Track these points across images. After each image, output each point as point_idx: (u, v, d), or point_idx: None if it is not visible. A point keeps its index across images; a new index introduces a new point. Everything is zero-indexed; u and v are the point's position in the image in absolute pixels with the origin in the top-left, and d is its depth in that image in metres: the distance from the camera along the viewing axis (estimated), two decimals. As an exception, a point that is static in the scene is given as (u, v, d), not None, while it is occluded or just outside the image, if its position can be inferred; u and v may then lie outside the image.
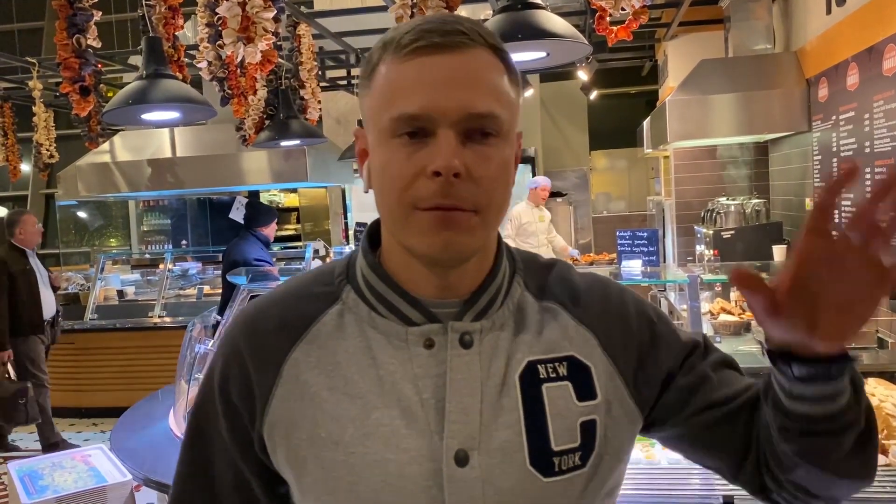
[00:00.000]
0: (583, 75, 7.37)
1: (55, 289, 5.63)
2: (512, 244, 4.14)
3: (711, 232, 5.03)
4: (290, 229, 10.15)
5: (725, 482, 1.98)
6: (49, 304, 5.44)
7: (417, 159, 0.77)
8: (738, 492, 1.93)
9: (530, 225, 6.74)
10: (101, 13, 3.45)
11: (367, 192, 0.86)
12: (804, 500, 0.86)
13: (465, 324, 0.83)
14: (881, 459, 2.09)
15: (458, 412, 0.80)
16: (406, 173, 0.77)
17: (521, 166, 6.54)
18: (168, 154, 6.51)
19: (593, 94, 8.50)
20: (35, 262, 5.38)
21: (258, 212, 5.65)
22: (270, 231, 5.58)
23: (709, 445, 0.91)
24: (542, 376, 0.84)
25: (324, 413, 0.82)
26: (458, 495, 0.78)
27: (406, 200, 0.78)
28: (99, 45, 3.33)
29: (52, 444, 5.27)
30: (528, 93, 7.88)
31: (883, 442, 2.17)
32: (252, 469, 0.87)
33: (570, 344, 0.87)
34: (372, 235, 0.90)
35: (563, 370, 0.85)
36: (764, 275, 3.59)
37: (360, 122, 0.94)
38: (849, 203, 3.95)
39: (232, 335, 0.89)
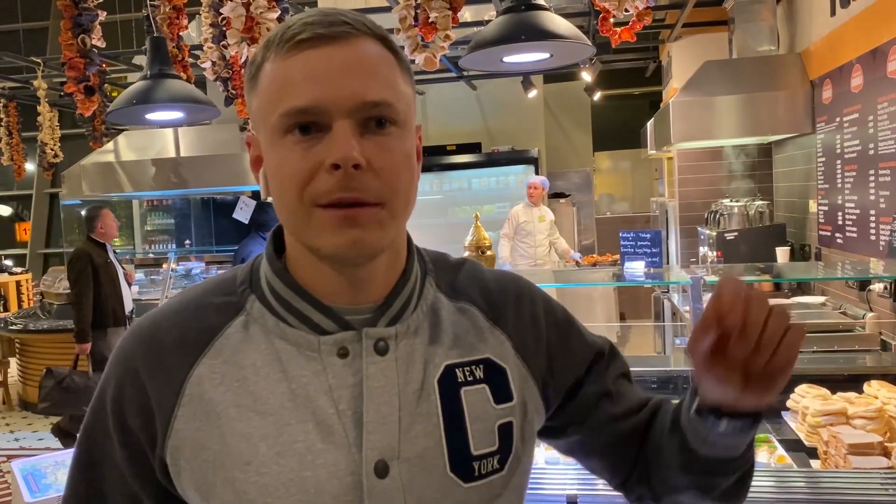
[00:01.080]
0: (586, 76, 7.36)
1: (129, 284, 5.63)
2: (508, 243, 4.14)
3: (715, 233, 5.02)
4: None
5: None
6: (128, 299, 5.44)
7: (314, 154, 0.73)
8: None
9: (527, 225, 6.72)
10: (105, 13, 3.46)
11: (265, 198, 0.83)
12: None
13: (380, 329, 0.79)
14: (884, 462, 2.08)
15: (376, 422, 0.76)
16: (303, 170, 0.73)
17: (523, 167, 6.52)
18: (172, 154, 6.52)
19: (597, 95, 8.48)
20: (113, 257, 5.42)
21: (268, 215, 5.62)
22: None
23: (603, 457, 0.95)
24: (459, 380, 0.81)
25: (232, 432, 0.76)
26: None
27: (306, 199, 0.74)
28: (103, 45, 3.34)
29: None
30: (532, 94, 7.87)
31: (886, 444, 2.17)
32: (150, 495, 0.81)
33: (486, 346, 0.85)
34: (277, 241, 0.85)
35: (479, 373, 0.83)
36: (767, 276, 3.56)
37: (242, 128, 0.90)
38: (852, 204, 3.95)
39: (126, 352, 0.82)
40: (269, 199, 0.80)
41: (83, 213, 5.25)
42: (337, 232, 0.74)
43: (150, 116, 3.34)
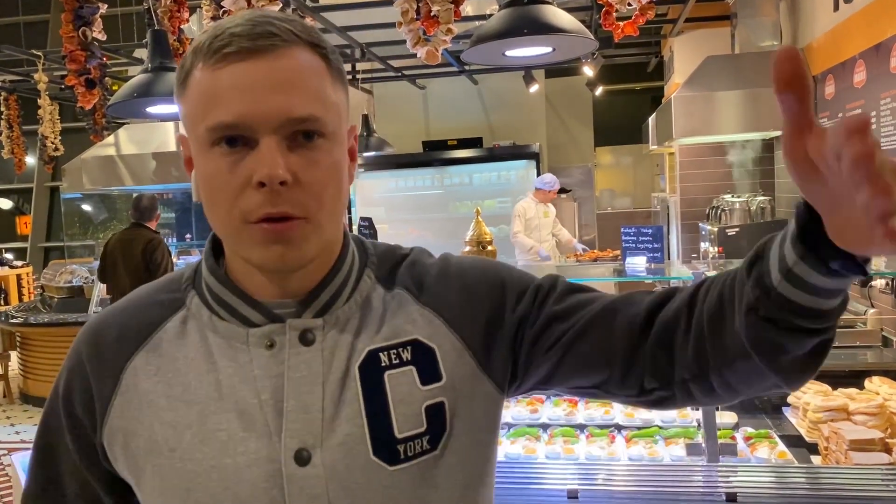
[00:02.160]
0: (588, 71, 7.35)
1: None
2: (525, 239, 4.15)
3: (716, 229, 5.01)
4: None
5: (728, 480, 1.99)
6: None
7: (241, 170, 0.75)
8: (741, 489, 1.93)
9: (534, 220, 6.74)
10: (106, 6, 3.45)
11: (197, 201, 0.86)
12: (708, 397, 0.80)
13: (305, 321, 0.81)
14: (885, 458, 2.08)
15: (297, 411, 0.78)
16: (232, 186, 0.75)
17: (524, 162, 6.50)
18: (173, 147, 6.50)
19: (599, 90, 8.47)
20: None
21: None
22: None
23: (573, 368, 0.85)
24: (383, 364, 0.82)
25: (161, 421, 0.80)
26: (298, 495, 0.77)
27: (235, 214, 0.76)
28: (104, 38, 3.34)
29: None
30: (533, 88, 7.86)
31: (887, 440, 2.17)
32: (99, 479, 0.86)
33: (414, 327, 0.85)
34: (215, 241, 0.88)
35: (406, 355, 0.83)
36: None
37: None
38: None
39: (76, 346, 0.88)
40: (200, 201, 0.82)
41: (142, 202, 5.36)
42: (265, 247, 0.76)
43: (151, 110, 3.33)
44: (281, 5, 2.84)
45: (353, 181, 0.86)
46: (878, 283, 3.48)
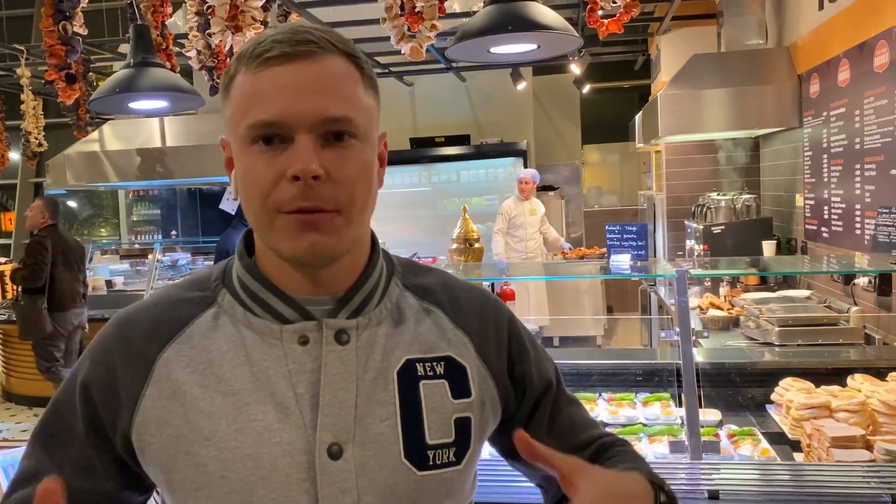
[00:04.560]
0: (575, 69, 7.35)
1: None
2: (502, 239, 4.15)
3: (702, 227, 5.03)
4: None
5: (710, 477, 1.99)
6: None
7: (277, 164, 0.80)
8: (723, 486, 1.94)
9: (518, 218, 6.73)
10: (88, 0, 3.41)
11: (236, 198, 0.88)
12: None
13: (341, 321, 0.85)
14: (866, 455, 2.09)
15: (332, 406, 0.82)
16: (267, 178, 0.80)
17: (512, 159, 6.52)
18: (158, 143, 6.46)
19: (586, 88, 8.48)
20: None
21: None
22: (263, 223, 5.56)
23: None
24: (419, 373, 0.87)
25: (195, 410, 0.82)
26: (330, 487, 0.80)
27: (269, 205, 0.80)
28: (85, 33, 3.30)
29: None
30: (521, 86, 7.86)
31: (868, 437, 2.18)
32: (106, 466, 0.86)
33: (448, 345, 0.91)
34: (248, 240, 0.92)
35: (440, 369, 0.88)
36: (753, 270, 3.57)
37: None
38: (838, 199, 3.96)
39: (103, 338, 0.89)
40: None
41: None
42: (296, 236, 0.80)
43: (134, 105, 3.31)
44: (264, 0, 2.81)
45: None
46: (861, 280, 3.50)
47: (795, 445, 2.34)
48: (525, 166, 8.29)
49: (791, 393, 2.44)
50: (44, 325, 5.27)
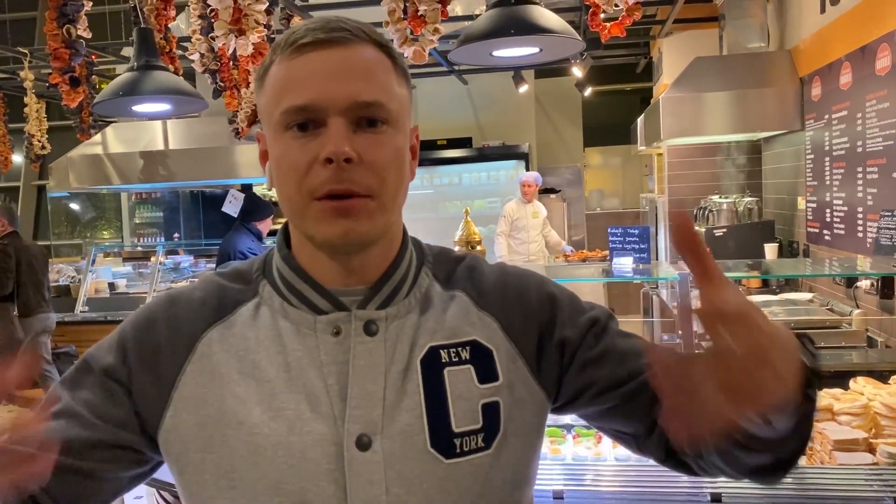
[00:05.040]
0: (577, 72, 7.35)
1: None
2: (505, 241, 4.15)
3: (704, 230, 5.03)
4: (282, 223, 10.13)
5: (713, 480, 1.99)
6: None
7: (311, 149, 0.80)
8: (725, 490, 1.94)
9: (521, 221, 6.74)
10: (91, 3, 3.41)
11: (270, 189, 0.90)
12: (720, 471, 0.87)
13: (370, 312, 0.86)
14: (868, 458, 2.09)
15: (360, 397, 0.82)
16: (300, 163, 0.81)
17: (513, 162, 6.52)
18: (160, 146, 6.46)
19: (588, 91, 8.48)
20: None
21: (256, 206, 5.67)
22: (265, 226, 5.59)
23: (617, 418, 0.93)
24: (443, 360, 0.86)
25: (232, 394, 0.83)
26: (359, 478, 0.80)
27: (303, 190, 0.81)
28: (89, 36, 3.31)
29: None
30: (523, 89, 7.86)
31: (871, 441, 2.17)
32: (114, 427, 0.85)
33: (473, 329, 0.89)
34: (286, 233, 0.93)
35: (465, 354, 0.87)
36: (755, 273, 3.57)
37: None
38: (840, 201, 3.96)
39: (150, 308, 0.91)
40: (271, 194, 0.86)
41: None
42: (330, 222, 0.81)
43: (137, 108, 3.32)
44: (267, 4, 2.83)
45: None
46: (864, 283, 3.50)
47: (798, 448, 2.33)
48: (527, 169, 8.30)
49: (793, 396, 2.43)
50: (16, 333, 5.33)
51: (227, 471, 0.82)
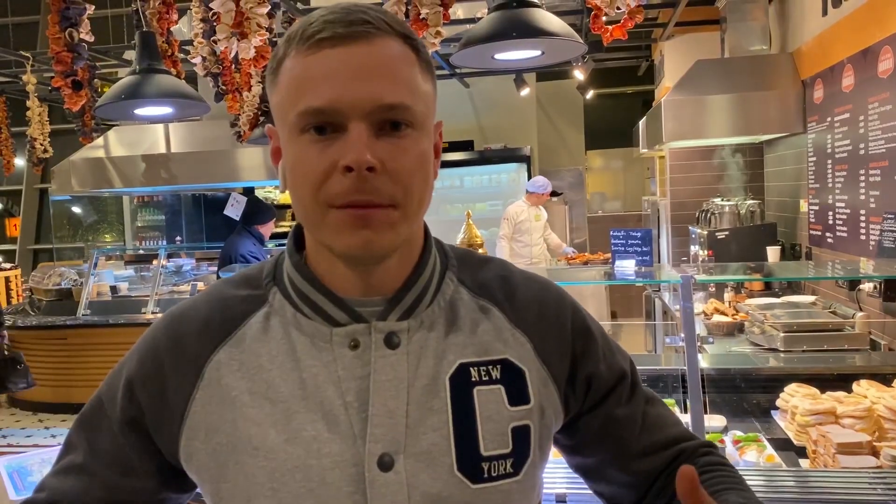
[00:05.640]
0: (579, 75, 7.36)
1: None
2: (508, 244, 4.14)
3: (706, 232, 5.03)
4: (285, 226, 10.13)
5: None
6: None
7: (329, 155, 0.74)
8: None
9: (524, 223, 6.75)
10: (94, 7, 3.42)
11: (283, 192, 0.84)
12: None
13: (391, 323, 0.80)
14: (872, 461, 2.09)
15: (382, 415, 0.77)
16: (318, 170, 0.75)
17: (515, 165, 6.51)
18: (162, 150, 6.48)
19: (589, 94, 8.49)
20: None
21: (258, 209, 5.67)
22: (267, 229, 5.59)
23: (612, 484, 0.94)
24: (473, 379, 0.81)
25: (245, 418, 0.79)
26: (381, 500, 0.76)
27: (321, 199, 0.75)
28: (92, 40, 3.31)
29: None
30: (525, 91, 7.87)
31: (874, 444, 2.17)
32: (149, 465, 0.84)
33: (505, 346, 0.84)
34: (297, 236, 0.87)
35: (496, 373, 0.82)
36: (757, 275, 3.56)
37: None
38: (843, 204, 3.96)
39: (153, 335, 0.86)
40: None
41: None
42: (350, 232, 0.75)
43: (139, 112, 3.32)
44: (269, 7, 2.83)
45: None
46: (867, 286, 3.49)
47: (801, 452, 2.33)
48: (528, 172, 8.30)
49: (796, 399, 2.43)
50: None
51: (244, 499, 0.78)
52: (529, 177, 8.23)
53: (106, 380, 0.88)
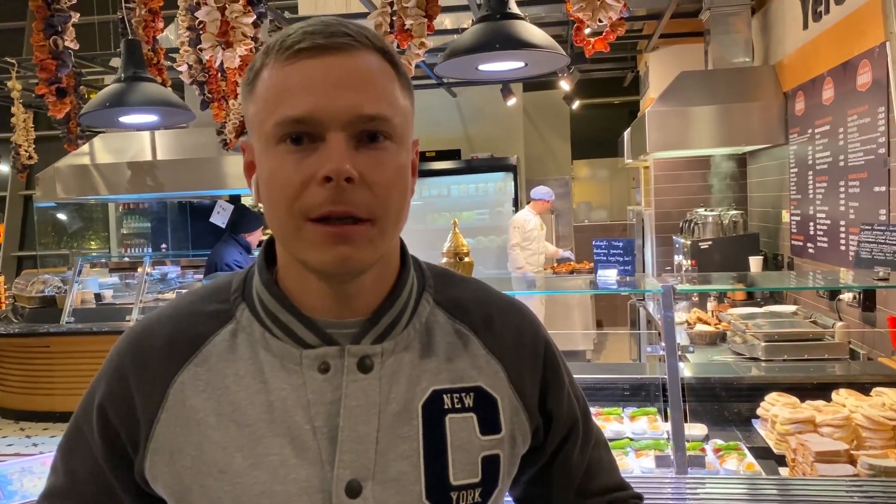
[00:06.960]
0: (565, 85, 7.41)
1: None
2: (519, 252, 4.17)
3: (689, 242, 5.06)
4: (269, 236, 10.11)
5: (696, 491, 2.00)
6: None
7: (306, 166, 0.73)
8: (709, 500, 1.95)
9: (533, 231, 6.86)
10: (79, 15, 3.42)
11: (257, 205, 0.84)
12: None
13: (364, 347, 0.78)
14: (849, 469, 2.11)
15: (352, 441, 0.76)
16: (295, 181, 0.73)
17: (502, 174, 6.55)
18: (148, 157, 6.46)
19: (576, 104, 8.53)
20: None
21: (245, 217, 5.65)
22: (254, 237, 5.57)
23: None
24: (446, 406, 0.80)
25: (210, 441, 0.77)
26: None
27: (296, 211, 0.73)
28: (77, 47, 3.31)
29: None
30: (511, 101, 7.91)
31: (852, 452, 2.19)
32: (128, 492, 0.83)
33: (479, 374, 0.83)
34: (268, 251, 0.85)
35: (469, 401, 0.81)
36: (739, 285, 3.59)
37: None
38: (823, 215, 4.00)
39: (118, 355, 0.84)
40: (260, 206, 0.79)
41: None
42: (326, 248, 0.73)
43: (124, 119, 3.32)
44: (255, 17, 2.84)
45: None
46: (846, 296, 3.53)
47: (781, 460, 2.35)
48: (515, 181, 8.34)
49: (777, 408, 2.45)
50: None
51: None
52: (516, 186, 8.27)
53: (81, 402, 0.87)
